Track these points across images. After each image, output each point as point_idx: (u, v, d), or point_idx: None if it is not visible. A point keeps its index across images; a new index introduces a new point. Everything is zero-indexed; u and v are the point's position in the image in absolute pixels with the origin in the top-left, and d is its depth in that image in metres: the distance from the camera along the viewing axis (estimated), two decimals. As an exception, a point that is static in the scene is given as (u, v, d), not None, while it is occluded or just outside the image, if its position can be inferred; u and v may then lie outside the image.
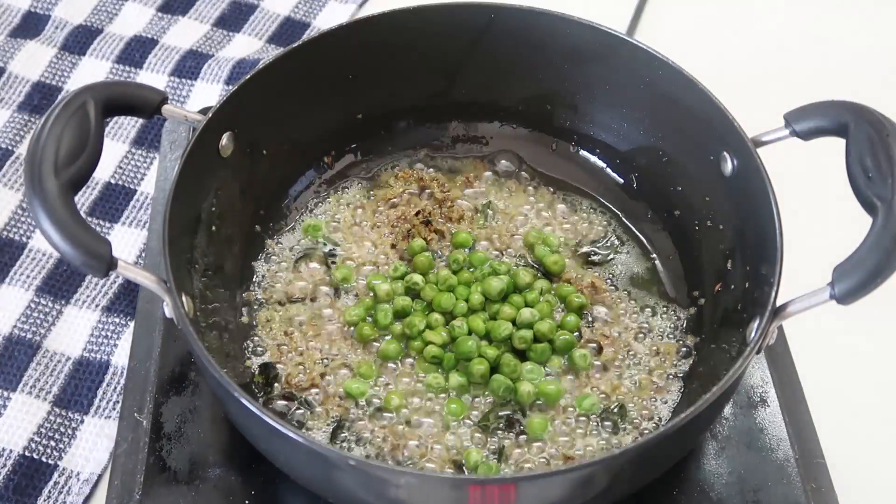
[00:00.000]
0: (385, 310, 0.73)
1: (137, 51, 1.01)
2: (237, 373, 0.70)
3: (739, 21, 1.11)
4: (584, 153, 0.84)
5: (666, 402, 0.70)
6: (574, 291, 0.75)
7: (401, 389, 0.70)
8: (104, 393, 0.76)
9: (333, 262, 0.77)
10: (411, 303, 0.74)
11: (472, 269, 0.76)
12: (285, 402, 0.69)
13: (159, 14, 1.06)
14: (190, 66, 1.00)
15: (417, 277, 0.74)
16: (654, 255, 0.79)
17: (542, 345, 0.71)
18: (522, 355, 0.72)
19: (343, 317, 0.73)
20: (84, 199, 0.88)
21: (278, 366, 0.71)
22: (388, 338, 0.73)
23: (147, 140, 0.93)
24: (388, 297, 0.74)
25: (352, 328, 0.73)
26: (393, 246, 0.78)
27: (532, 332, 0.71)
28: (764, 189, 0.66)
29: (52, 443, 0.73)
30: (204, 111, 0.70)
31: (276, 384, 0.70)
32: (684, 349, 0.73)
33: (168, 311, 0.63)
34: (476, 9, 0.78)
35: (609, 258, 0.78)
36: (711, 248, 0.74)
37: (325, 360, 0.72)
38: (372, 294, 0.75)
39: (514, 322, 0.72)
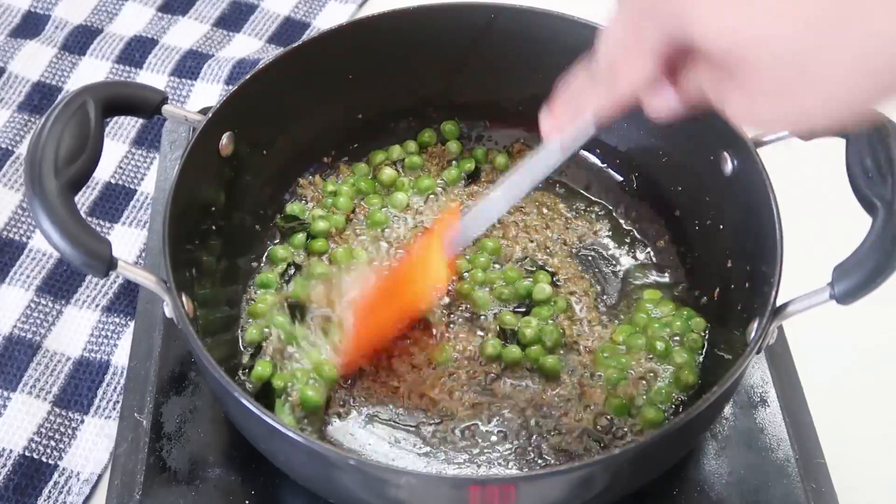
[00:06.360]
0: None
1: (137, 51, 1.01)
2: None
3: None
4: (583, 153, 0.84)
5: (666, 403, 0.70)
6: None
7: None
8: (104, 393, 0.76)
9: (332, 261, 0.77)
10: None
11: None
12: (285, 402, 0.69)
13: (159, 14, 1.06)
14: (190, 66, 0.99)
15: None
16: (654, 255, 0.79)
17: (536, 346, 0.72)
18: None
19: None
20: (84, 199, 0.88)
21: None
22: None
23: (147, 140, 0.93)
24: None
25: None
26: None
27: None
28: (764, 189, 0.66)
29: (52, 443, 0.73)
30: (204, 111, 0.70)
31: (276, 384, 0.70)
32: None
33: (168, 311, 0.62)
34: (476, 9, 0.78)
35: (608, 258, 0.78)
36: (711, 248, 0.74)
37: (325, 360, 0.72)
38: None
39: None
